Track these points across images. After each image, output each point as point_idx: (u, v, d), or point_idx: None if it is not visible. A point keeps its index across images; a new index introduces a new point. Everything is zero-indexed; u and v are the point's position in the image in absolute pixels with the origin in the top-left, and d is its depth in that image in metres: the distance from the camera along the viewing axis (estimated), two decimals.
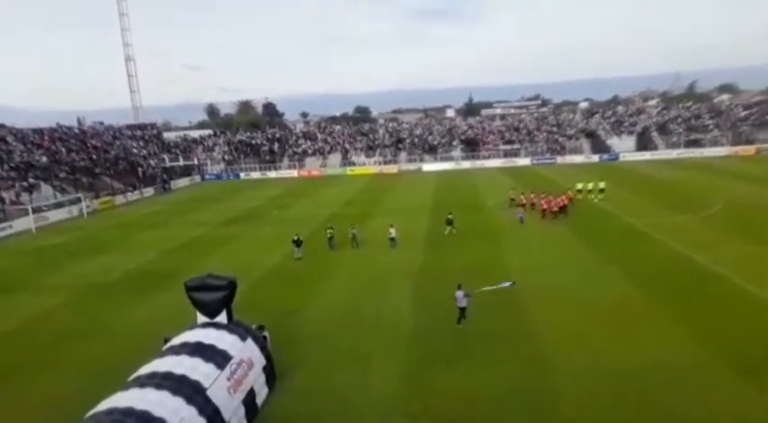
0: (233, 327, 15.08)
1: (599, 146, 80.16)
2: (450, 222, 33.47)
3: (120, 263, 31.45)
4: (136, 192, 64.32)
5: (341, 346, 18.29)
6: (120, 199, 60.25)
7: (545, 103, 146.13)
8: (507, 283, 19.67)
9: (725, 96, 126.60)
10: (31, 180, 54.48)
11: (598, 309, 20.09)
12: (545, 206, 36.81)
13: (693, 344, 16.77)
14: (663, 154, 75.08)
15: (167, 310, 22.06)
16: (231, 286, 15.13)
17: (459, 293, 18.95)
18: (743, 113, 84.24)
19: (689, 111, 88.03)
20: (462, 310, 19.04)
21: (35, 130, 69.57)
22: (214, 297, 14.98)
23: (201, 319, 15.25)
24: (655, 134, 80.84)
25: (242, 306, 17.27)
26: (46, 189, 55.12)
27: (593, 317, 19.39)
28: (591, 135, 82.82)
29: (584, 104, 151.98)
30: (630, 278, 23.33)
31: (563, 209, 36.72)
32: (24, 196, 51.14)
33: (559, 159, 76.75)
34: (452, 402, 14.45)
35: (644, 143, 79.07)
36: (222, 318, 15.14)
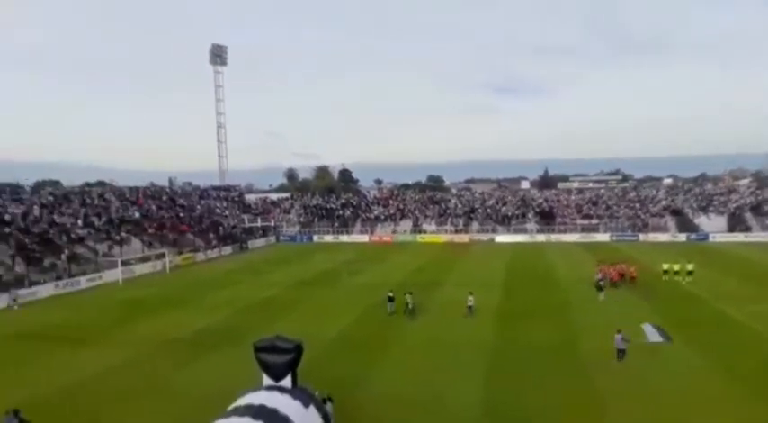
0: (297, 392, 14.67)
1: (685, 224, 75.46)
2: (600, 288, 34.45)
3: (191, 320, 32.04)
4: (215, 249, 67.22)
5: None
6: (200, 256, 63.07)
7: (625, 178, 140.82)
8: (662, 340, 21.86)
9: None
10: (123, 234, 58.33)
11: (687, 398, 18.34)
12: (614, 276, 38.71)
13: None
14: (758, 236, 69.38)
15: (233, 370, 21.89)
16: (298, 350, 14.90)
17: (618, 337, 21.91)
18: None
19: None
20: (621, 351, 21.71)
21: (131, 188, 75.49)
22: (281, 360, 14.77)
23: (267, 381, 14.98)
24: (748, 214, 75.25)
25: (305, 371, 16.86)
26: (135, 243, 58.70)
27: (676, 406, 17.64)
28: (676, 213, 78.34)
29: (668, 181, 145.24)
30: (728, 370, 21.05)
31: (623, 277, 38.96)
32: (116, 249, 54.77)
33: (642, 237, 72.74)
34: None
35: (735, 224, 73.65)
36: (287, 382, 14.80)
